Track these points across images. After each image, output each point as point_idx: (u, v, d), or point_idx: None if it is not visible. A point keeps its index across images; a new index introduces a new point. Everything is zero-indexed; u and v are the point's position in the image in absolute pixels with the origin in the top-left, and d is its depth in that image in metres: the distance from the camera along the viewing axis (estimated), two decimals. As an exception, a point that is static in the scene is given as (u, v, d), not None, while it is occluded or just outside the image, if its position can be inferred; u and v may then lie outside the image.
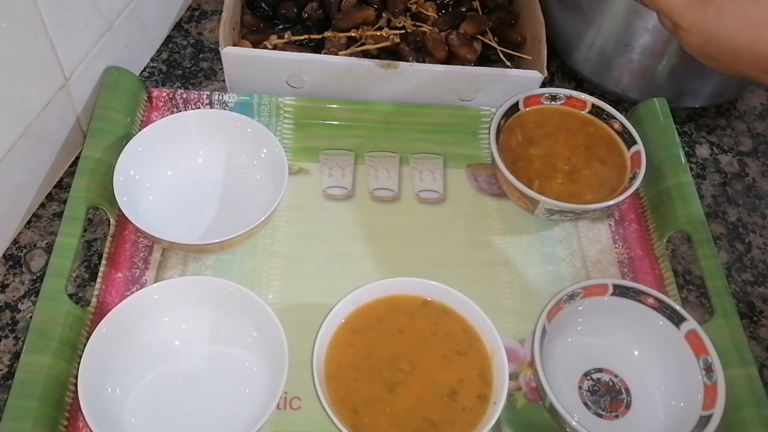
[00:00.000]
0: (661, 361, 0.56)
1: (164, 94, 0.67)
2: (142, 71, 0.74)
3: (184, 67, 0.75)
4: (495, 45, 0.72)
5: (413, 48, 0.70)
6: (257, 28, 0.73)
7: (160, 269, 0.58)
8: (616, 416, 0.54)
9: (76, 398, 0.49)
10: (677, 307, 0.55)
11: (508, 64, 0.72)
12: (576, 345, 0.57)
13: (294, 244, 0.61)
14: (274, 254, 0.60)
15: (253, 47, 0.68)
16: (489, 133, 0.62)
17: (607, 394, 0.55)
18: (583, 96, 0.66)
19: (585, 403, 0.55)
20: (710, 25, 0.46)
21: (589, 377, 0.56)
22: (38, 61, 0.57)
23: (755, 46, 0.45)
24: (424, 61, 0.69)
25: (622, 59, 0.73)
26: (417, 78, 0.65)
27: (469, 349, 0.53)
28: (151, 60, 0.75)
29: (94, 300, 0.56)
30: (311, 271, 0.60)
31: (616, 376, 0.56)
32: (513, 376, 0.55)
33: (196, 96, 0.67)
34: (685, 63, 0.71)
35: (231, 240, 0.55)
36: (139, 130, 0.62)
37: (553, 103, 0.66)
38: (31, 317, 0.53)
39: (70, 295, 0.54)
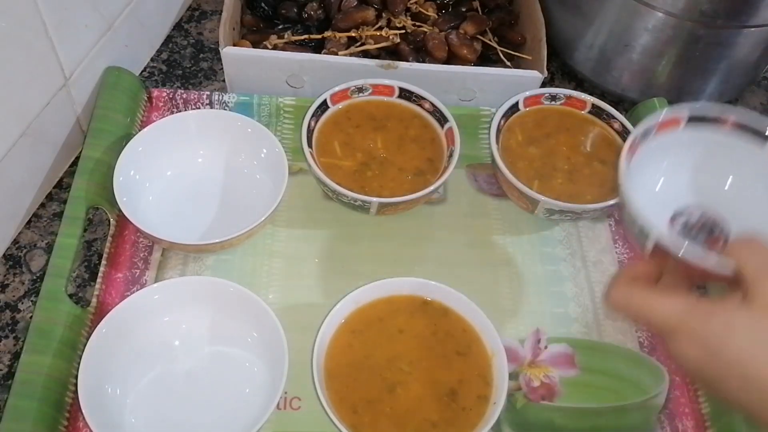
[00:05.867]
0: (753, 189, 0.49)
1: (164, 94, 0.67)
2: (142, 71, 0.74)
3: (184, 67, 0.75)
4: (495, 45, 0.72)
5: (413, 48, 0.70)
6: (257, 28, 0.73)
7: (160, 269, 0.58)
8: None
9: (76, 398, 0.49)
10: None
11: (508, 64, 0.72)
12: (660, 185, 0.51)
13: (294, 244, 0.61)
14: (274, 254, 0.60)
15: (253, 47, 0.68)
16: (489, 133, 0.62)
17: (702, 232, 0.50)
18: (583, 96, 0.66)
19: None
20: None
21: (679, 217, 0.50)
22: (38, 61, 0.57)
23: None
24: (424, 61, 0.69)
25: (622, 59, 0.73)
26: (417, 78, 0.65)
27: (469, 349, 0.53)
28: (151, 60, 0.75)
29: (94, 300, 0.56)
30: (311, 271, 0.60)
31: (708, 213, 0.50)
32: (513, 376, 0.55)
33: (196, 96, 0.67)
34: (685, 63, 0.71)
35: (231, 240, 0.55)
36: (139, 130, 0.62)
37: (553, 103, 0.66)
38: (31, 317, 0.53)
39: (70, 295, 0.54)
